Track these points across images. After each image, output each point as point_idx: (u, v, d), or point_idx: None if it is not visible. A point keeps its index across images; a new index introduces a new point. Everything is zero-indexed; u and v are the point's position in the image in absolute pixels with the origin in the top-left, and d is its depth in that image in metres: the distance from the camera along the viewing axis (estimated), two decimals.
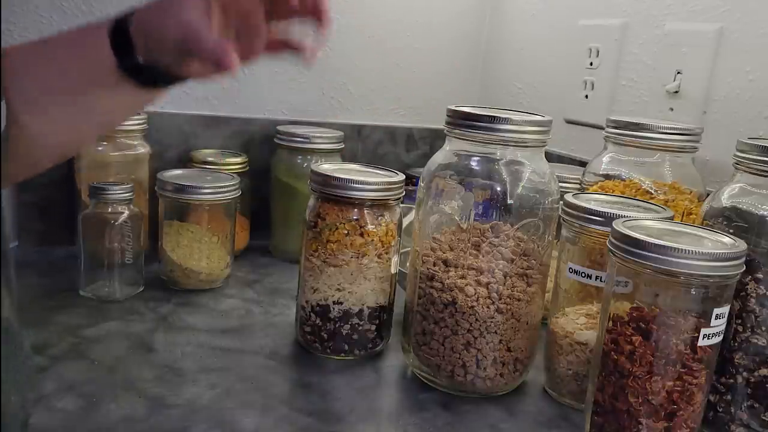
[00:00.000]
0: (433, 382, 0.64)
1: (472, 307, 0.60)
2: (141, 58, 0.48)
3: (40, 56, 0.50)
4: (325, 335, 0.68)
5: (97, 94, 0.50)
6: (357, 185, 0.65)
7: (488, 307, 0.61)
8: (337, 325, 0.68)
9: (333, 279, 0.67)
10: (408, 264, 0.69)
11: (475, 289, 0.60)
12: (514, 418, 0.60)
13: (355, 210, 0.67)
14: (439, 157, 0.65)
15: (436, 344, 0.63)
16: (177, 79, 0.51)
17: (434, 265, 0.63)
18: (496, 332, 0.61)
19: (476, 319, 0.61)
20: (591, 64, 0.93)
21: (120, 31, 0.48)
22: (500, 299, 0.61)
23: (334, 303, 0.68)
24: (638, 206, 0.63)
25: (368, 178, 0.67)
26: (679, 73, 0.80)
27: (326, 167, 0.70)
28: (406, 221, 0.77)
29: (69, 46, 0.50)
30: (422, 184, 0.65)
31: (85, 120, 0.51)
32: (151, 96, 0.52)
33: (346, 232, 0.66)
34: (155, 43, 0.48)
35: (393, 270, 0.69)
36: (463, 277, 0.61)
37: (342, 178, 0.66)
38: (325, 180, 0.67)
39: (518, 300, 0.61)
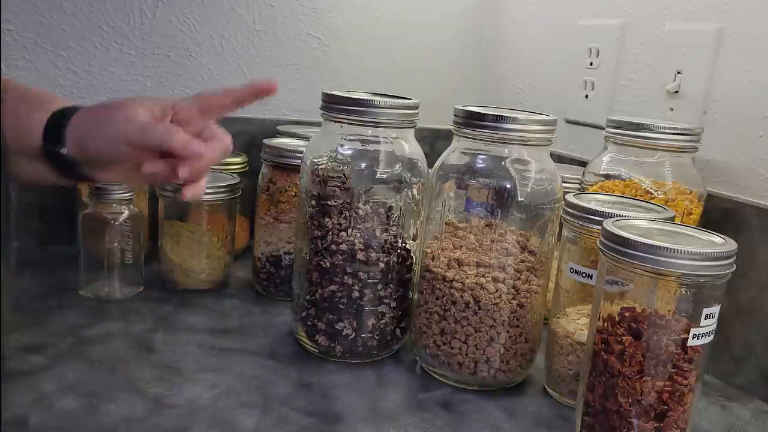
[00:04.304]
0: (451, 379, 0.65)
1: (496, 303, 0.61)
2: (67, 151, 0.52)
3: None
4: (278, 281, 0.81)
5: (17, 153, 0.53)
6: (301, 154, 0.71)
7: (510, 303, 0.62)
8: (288, 272, 0.79)
9: (283, 233, 0.80)
10: (415, 264, 0.69)
11: (495, 287, 0.61)
12: (514, 418, 0.60)
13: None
14: (446, 157, 0.65)
15: (457, 343, 0.63)
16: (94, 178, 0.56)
17: (448, 266, 0.63)
18: (518, 326, 0.63)
19: (500, 315, 0.62)
20: (591, 64, 0.93)
21: (56, 124, 0.52)
22: (519, 294, 0.62)
23: (285, 254, 0.80)
24: (639, 206, 0.63)
25: None
26: (679, 73, 0.80)
27: (276, 141, 0.84)
28: None
29: (20, 106, 0.54)
30: (431, 183, 0.66)
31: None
32: (59, 179, 0.55)
33: (293, 193, 0.79)
34: (102, 142, 0.52)
35: None
36: (482, 275, 0.62)
37: (290, 150, 0.79)
38: (276, 151, 0.80)
39: (536, 293, 0.63)
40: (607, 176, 0.73)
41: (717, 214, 0.72)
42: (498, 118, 0.60)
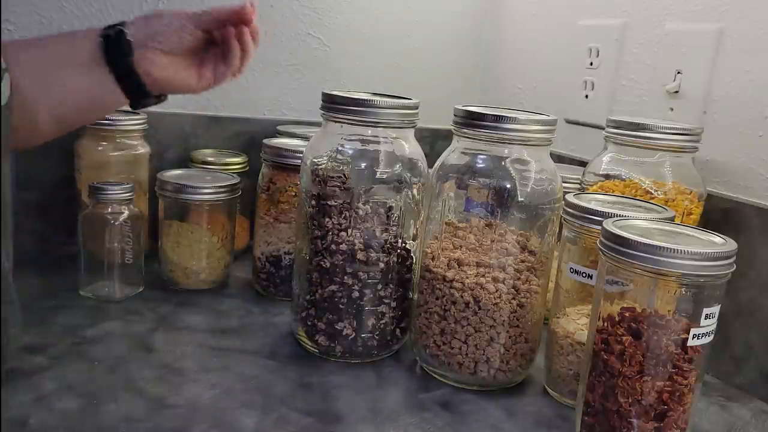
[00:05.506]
0: (451, 379, 0.65)
1: (496, 303, 0.61)
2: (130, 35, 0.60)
3: (35, 42, 0.61)
4: (278, 281, 0.81)
5: (73, 73, 0.59)
6: (301, 154, 0.72)
7: (510, 303, 0.62)
8: (288, 272, 0.79)
9: (283, 233, 0.80)
10: (415, 264, 0.69)
11: (495, 287, 0.61)
12: (514, 418, 0.60)
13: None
14: (446, 157, 0.65)
15: (457, 343, 0.63)
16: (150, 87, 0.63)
17: (448, 266, 0.63)
18: (518, 326, 0.63)
19: (500, 315, 0.62)
20: (591, 64, 0.93)
21: (114, 30, 0.60)
22: (519, 294, 0.62)
23: (285, 254, 0.80)
24: (639, 206, 0.63)
25: None
26: (679, 73, 0.80)
27: (276, 141, 0.84)
28: None
29: (59, 37, 0.62)
30: (430, 183, 0.66)
31: (63, 98, 0.59)
32: (113, 94, 0.60)
33: (293, 193, 0.79)
34: (164, 27, 0.61)
35: None
36: (482, 275, 0.62)
37: (290, 150, 0.79)
38: (276, 151, 0.80)
39: (536, 293, 0.63)
40: (607, 176, 0.73)
41: (717, 214, 0.72)
42: (498, 118, 0.60)
